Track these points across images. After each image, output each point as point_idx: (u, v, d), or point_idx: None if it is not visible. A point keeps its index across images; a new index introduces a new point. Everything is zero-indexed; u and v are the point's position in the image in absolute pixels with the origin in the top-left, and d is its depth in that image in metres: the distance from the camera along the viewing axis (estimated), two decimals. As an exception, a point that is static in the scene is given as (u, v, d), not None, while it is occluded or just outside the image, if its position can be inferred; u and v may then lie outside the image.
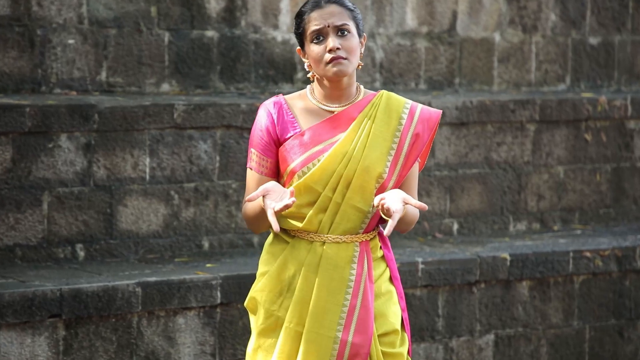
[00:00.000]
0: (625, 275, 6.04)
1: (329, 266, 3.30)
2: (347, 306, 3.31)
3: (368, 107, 3.32)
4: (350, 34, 3.28)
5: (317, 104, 3.34)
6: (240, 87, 6.06)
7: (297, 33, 3.34)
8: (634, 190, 6.73)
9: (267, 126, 3.33)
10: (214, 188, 5.57)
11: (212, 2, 5.96)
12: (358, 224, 3.32)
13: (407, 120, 3.33)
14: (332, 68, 3.27)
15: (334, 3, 3.30)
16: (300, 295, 3.31)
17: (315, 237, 3.32)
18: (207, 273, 5.06)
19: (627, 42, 7.05)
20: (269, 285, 3.35)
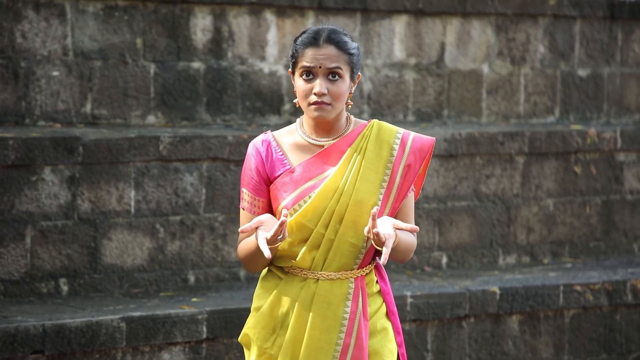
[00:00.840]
0: (616, 309, 6.00)
1: (322, 304, 3.26)
2: (340, 345, 3.26)
3: (358, 140, 3.28)
4: (341, 79, 3.24)
5: (307, 139, 3.30)
6: (227, 118, 6.02)
7: (290, 57, 3.30)
8: (624, 223, 6.70)
9: (257, 166, 3.30)
10: (200, 221, 5.52)
11: (199, 34, 5.93)
12: (352, 260, 3.28)
13: (399, 150, 3.28)
14: (314, 112, 3.24)
15: (333, 44, 3.24)
16: (293, 334, 3.26)
17: (309, 274, 3.28)
18: (193, 307, 5.01)
19: (616, 74, 7.05)
20: (262, 322, 3.30)
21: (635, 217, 6.73)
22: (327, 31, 3.25)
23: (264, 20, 6.10)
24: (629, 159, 6.75)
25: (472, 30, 6.65)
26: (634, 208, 6.73)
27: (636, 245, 6.74)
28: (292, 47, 3.28)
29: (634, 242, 6.74)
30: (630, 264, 6.42)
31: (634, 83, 7.09)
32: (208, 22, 5.96)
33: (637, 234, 6.74)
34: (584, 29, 6.94)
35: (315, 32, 3.26)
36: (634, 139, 6.69)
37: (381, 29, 6.39)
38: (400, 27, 6.46)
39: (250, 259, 3.27)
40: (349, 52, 3.24)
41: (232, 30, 6.02)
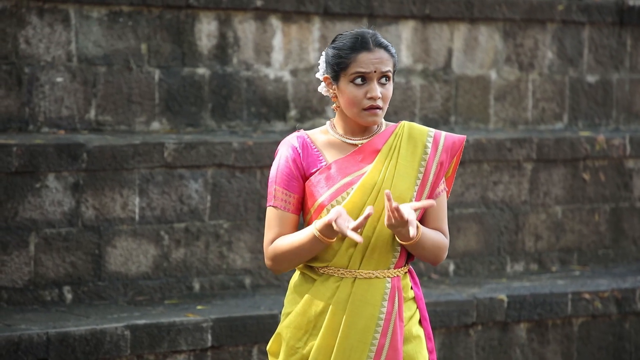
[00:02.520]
0: (625, 317, 5.95)
1: (359, 302, 3.25)
2: (375, 345, 3.25)
3: (392, 138, 3.30)
4: (390, 81, 3.27)
5: (340, 138, 3.31)
6: (232, 125, 5.98)
7: (333, 64, 3.26)
8: (633, 230, 6.65)
9: (294, 159, 3.29)
10: (205, 228, 5.49)
11: (204, 39, 5.90)
12: (389, 258, 3.27)
13: (432, 149, 3.31)
14: (368, 117, 3.25)
15: (382, 47, 3.26)
16: (327, 333, 3.25)
17: (346, 273, 3.27)
18: (198, 315, 4.98)
19: (625, 81, 7.00)
20: (295, 321, 3.29)
21: (645, 224, 6.68)
22: (372, 35, 3.27)
23: (269, 25, 6.07)
24: (638, 165, 6.70)
25: (479, 36, 6.61)
26: (643, 215, 6.68)
27: (645, 253, 6.70)
28: (335, 53, 3.24)
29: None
30: (639, 271, 6.38)
31: (643, 89, 7.05)
32: (213, 28, 5.92)
33: (646, 241, 6.69)
34: (593, 34, 6.89)
35: (362, 36, 3.26)
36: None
37: (388, 34, 6.35)
38: (407, 32, 6.42)
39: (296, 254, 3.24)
40: (394, 55, 3.29)
41: (237, 35, 5.99)
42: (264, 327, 5.05)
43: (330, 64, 3.26)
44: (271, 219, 3.29)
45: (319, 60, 3.34)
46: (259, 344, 5.06)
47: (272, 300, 5.34)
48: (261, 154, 5.60)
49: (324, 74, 3.29)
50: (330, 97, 3.30)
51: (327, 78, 3.28)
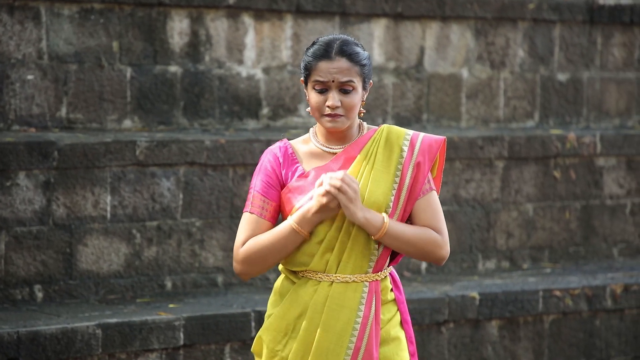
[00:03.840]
0: (596, 314, 5.98)
1: (335, 306, 3.28)
2: (351, 349, 3.28)
3: (369, 144, 3.33)
4: (354, 90, 3.27)
5: (320, 147, 3.36)
6: (204, 123, 5.97)
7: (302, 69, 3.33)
8: (603, 228, 6.69)
9: (274, 168, 3.34)
10: (177, 226, 5.47)
11: (176, 37, 5.88)
12: (366, 262, 3.30)
13: (408, 152, 3.33)
14: (328, 123, 3.29)
15: (345, 57, 3.26)
16: (304, 335, 3.29)
17: (324, 277, 3.30)
18: (170, 314, 4.96)
19: (595, 79, 7.04)
20: (274, 324, 3.33)
21: (615, 222, 6.72)
22: (338, 43, 3.27)
23: (241, 23, 6.06)
24: (608, 163, 6.74)
25: (451, 34, 6.62)
26: (613, 213, 6.72)
27: (616, 250, 6.74)
28: (304, 58, 3.31)
29: (613, 247, 6.73)
30: (609, 269, 6.41)
31: (614, 88, 7.09)
32: (185, 26, 5.91)
33: (616, 239, 6.73)
34: (564, 33, 6.93)
35: (327, 44, 3.28)
36: (613, 143, 6.69)
37: (360, 32, 6.36)
38: (379, 31, 6.43)
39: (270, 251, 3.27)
40: (360, 64, 3.28)
41: (209, 33, 5.98)
42: (236, 326, 5.05)
43: (302, 70, 3.33)
44: (245, 224, 3.32)
45: None
46: (231, 342, 5.06)
47: (244, 299, 5.34)
48: (233, 152, 5.59)
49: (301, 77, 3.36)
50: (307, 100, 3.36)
51: (302, 81, 3.35)
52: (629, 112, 7.14)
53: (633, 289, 6.02)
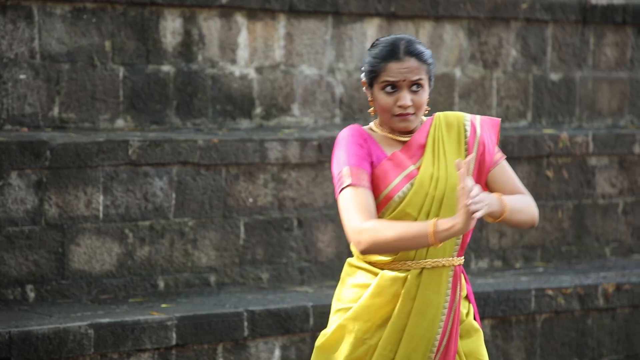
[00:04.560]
0: (588, 313, 5.99)
1: (428, 292, 3.33)
2: (439, 333, 3.34)
3: (432, 130, 3.39)
4: (423, 88, 3.34)
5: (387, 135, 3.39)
6: (197, 122, 5.97)
7: (368, 71, 3.35)
8: (595, 227, 6.70)
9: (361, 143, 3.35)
10: (170, 226, 5.47)
11: (169, 36, 5.88)
12: (452, 245, 3.36)
13: (471, 130, 3.40)
14: (399, 123, 3.34)
15: (413, 56, 3.33)
16: (396, 323, 3.32)
17: (413, 265, 3.34)
18: (162, 313, 4.96)
19: (588, 79, 7.05)
20: (363, 313, 3.34)
21: (607, 221, 6.73)
22: (404, 43, 3.33)
23: (234, 23, 6.06)
24: (600, 163, 6.75)
25: (444, 34, 6.63)
26: (605, 212, 6.73)
27: (608, 250, 6.75)
28: (369, 60, 3.33)
29: (605, 246, 6.74)
30: (602, 268, 6.42)
31: (606, 87, 7.10)
32: (178, 25, 5.91)
33: (608, 238, 6.74)
34: (556, 33, 6.93)
35: (393, 44, 3.33)
36: (605, 143, 6.70)
37: (353, 32, 6.36)
38: (372, 30, 6.43)
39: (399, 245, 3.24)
40: (427, 62, 3.35)
41: (202, 33, 5.97)
42: (228, 325, 5.05)
43: (366, 71, 3.36)
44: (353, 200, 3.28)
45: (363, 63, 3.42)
46: (223, 342, 5.06)
47: (237, 299, 5.34)
48: (226, 152, 5.59)
49: (363, 79, 3.39)
50: (368, 101, 3.39)
51: (364, 83, 3.38)
52: (621, 111, 7.15)
53: (625, 288, 6.03)
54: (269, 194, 5.72)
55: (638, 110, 7.17)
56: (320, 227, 5.82)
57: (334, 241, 5.86)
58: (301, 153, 5.77)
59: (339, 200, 3.31)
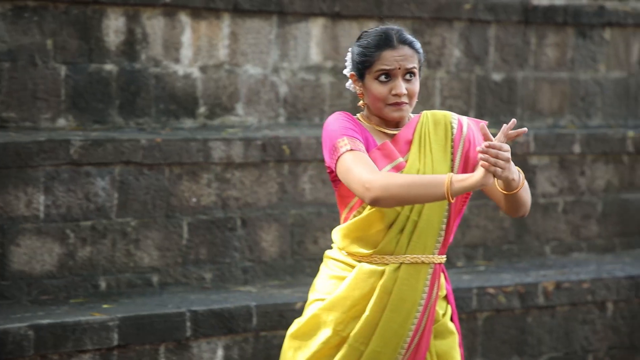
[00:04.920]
0: (528, 311, 6.06)
1: (405, 288, 3.32)
2: (412, 330, 3.34)
3: (419, 126, 3.38)
4: (415, 77, 3.34)
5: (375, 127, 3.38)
6: (140, 122, 5.95)
7: (358, 62, 3.33)
8: (536, 226, 6.77)
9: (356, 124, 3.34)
10: (112, 226, 5.45)
11: (111, 35, 5.85)
12: (433, 242, 3.34)
13: (458, 128, 3.39)
14: (393, 113, 3.33)
15: (407, 44, 3.33)
16: (370, 316, 3.32)
17: (392, 259, 3.33)
18: (104, 314, 4.94)
19: (529, 79, 7.12)
20: (338, 305, 3.34)
21: (548, 220, 6.81)
22: (396, 32, 3.35)
23: (178, 22, 6.04)
24: (541, 162, 6.82)
25: (388, 34, 6.66)
26: (546, 211, 6.81)
27: (548, 248, 6.83)
28: (361, 51, 3.32)
29: (545, 244, 6.82)
30: (542, 266, 6.50)
31: (547, 87, 7.18)
32: (121, 24, 5.88)
33: (549, 237, 6.82)
34: (499, 33, 7.00)
35: (386, 33, 3.33)
36: (546, 143, 6.77)
37: (298, 31, 6.37)
38: (316, 30, 6.44)
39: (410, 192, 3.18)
40: (419, 51, 3.36)
41: (145, 32, 5.95)
42: (171, 326, 5.04)
43: (355, 62, 3.34)
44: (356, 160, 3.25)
45: (346, 58, 3.40)
46: (166, 342, 5.05)
47: (179, 299, 5.33)
48: (170, 151, 5.58)
49: (350, 72, 3.37)
50: (357, 93, 3.37)
51: (353, 75, 3.36)
52: (562, 111, 7.24)
53: (564, 286, 6.11)
54: (212, 193, 5.71)
55: (578, 110, 7.26)
56: (264, 227, 5.82)
57: (277, 241, 5.87)
58: (245, 153, 5.77)
59: (340, 166, 3.27)
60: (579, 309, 6.16)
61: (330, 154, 3.31)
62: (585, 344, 6.21)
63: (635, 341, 6.33)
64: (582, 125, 7.22)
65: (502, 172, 3.11)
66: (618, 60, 7.33)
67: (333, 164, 3.30)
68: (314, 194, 5.97)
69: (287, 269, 5.88)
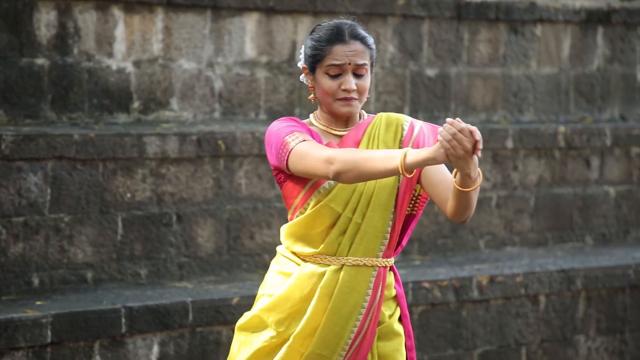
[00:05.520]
0: (463, 305, 6.11)
1: (346, 290, 3.29)
2: (354, 332, 3.31)
3: (370, 127, 3.35)
4: (366, 73, 3.31)
5: (325, 129, 3.36)
6: (73, 117, 5.88)
7: (310, 55, 3.30)
8: (470, 220, 6.84)
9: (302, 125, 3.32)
10: (45, 222, 5.38)
11: (43, 29, 5.77)
12: (377, 246, 3.31)
13: (408, 132, 3.36)
14: (342, 108, 3.30)
15: (358, 40, 3.30)
16: (311, 318, 3.29)
17: (334, 261, 3.31)
18: (37, 311, 4.88)
19: (462, 74, 7.18)
20: (280, 306, 3.32)
21: (482, 214, 6.87)
22: (349, 27, 3.30)
23: (111, 16, 5.98)
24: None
25: (323, 29, 6.67)
26: (480, 206, 6.87)
27: (482, 242, 6.89)
28: (312, 44, 3.29)
29: (480, 239, 6.88)
30: (476, 260, 6.56)
31: (480, 83, 7.25)
32: (52, 18, 5.80)
33: (482, 231, 6.89)
34: (432, 29, 7.05)
35: (338, 27, 3.30)
36: (480, 137, 6.83)
37: (232, 26, 6.35)
38: (251, 25, 6.43)
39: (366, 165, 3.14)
40: (371, 47, 3.32)
41: (77, 26, 5.88)
42: (105, 322, 4.99)
43: (307, 55, 3.31)
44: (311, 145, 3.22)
45: (300, 50, 3.37)
46: (100, 339, 5.00)
47: (114, 295, 5.28)
48: (103, 146, 5.52)
49: (302, 64, 3.34)
50: (309, 87, 3.34)
51: (305, 68, 3.34)
52: (495, 106, 7.32)
53: (498, 280, 6.17)
54: (147, 189, 5.67)
55: (510, 106, 7.34)
56: (200, 222, 5.79)
57: (213, 236, 5.84)
58: (180, 148, 5.74)
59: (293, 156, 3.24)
60: (513, 302, 6.23)
61: (278, 152, 3.29)
62: (519, 337, 6.28)
63: (567, 334, 6.43)
64: (515, 121, 7.31)
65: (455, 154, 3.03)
66: (549, 56, 7.43)
67: (284, 160, 3.27)
68: (250, 189, 5.95)
69: (223, 265, 5.86)
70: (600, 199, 7.24)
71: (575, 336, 6.44)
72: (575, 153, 7.17)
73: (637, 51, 7.75)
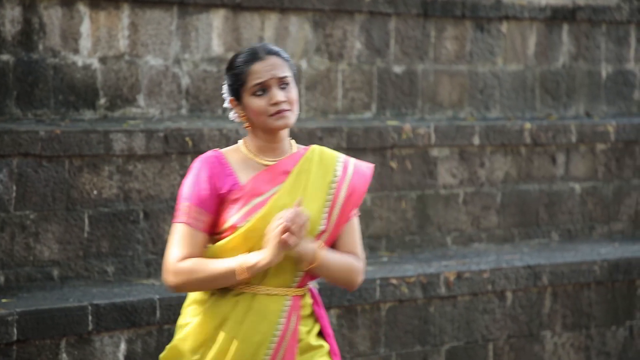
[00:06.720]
0: (430, 301, 6.13)
1: (256, 318, 3.31)
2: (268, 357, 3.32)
3: (302, 161, 3.37)
4: (290, 85, 3.34)
5: (253, 158, 3.36)
6: (39, 113, 5.83)
7: (233, 86, 3.32)
8: (438, 217, 6.86)
9: (209, 177, 3.32)
10: (11, 219, 5.33)
11: (7, 25, 5.72)
12: (291, 277, 3.33)
13: (342, 174, 3.39)
14: (277, 122, 3.31)
15: (274, 54, 3.35)
16: (222, 346, 3.31)
17: (246, 289, 3.32)
18: (3, 309, 4.84)
19: (429, 71, 7.20)
20: (193, 335, 3.34)
21: (449, 211, 6.90)
22: (262, 46, 3.39)
23: (76, 12, 5.94)
24: (442, 154, 6.91)
25: (290, 26, 6.67)
26: (447, 202, 6.90)
27: (449, 239, 6.92)
28: (232, 73, 3.32)
29: (447, 235, 6.91)
30: (443, 257, 6.58)
31: (446, 80, 7.28)
32: (17, 13, 5.75)
33: (450, 227, 6.91)
34: (399, 26, 7.06)
35: (252, 49, 3.37)
36: (446, 134, 6.86)
37: (199, 23, 6.33)
38: (218, 21, 6.41)
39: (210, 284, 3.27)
40: (288, 60, 3.37)
41: (43, 22, 5.84)
42: (72, 320, 4.96)
43: (230, 86, 3.34)
44: (181, 237, 3.30)
45: (222, 88, 3.39)
46: (67, 336, 4.97)
47: (81, 292, 5.25)
48: (69, 143, 5.49)
49: (229, 98, 3.36)
50: (241, 119, 3.34)
51: (232, 100, 3.35)
52: (461, 103, 7.35)
53: (465, 276, 6.20)
54: (114, 186, 5.64)
55: (477, 103, 7.38)
56: (167, 219, 5.77)
57: (180, 233, 5.82)
58: (147, 144, 5.71)
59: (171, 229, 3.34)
60: (480, 298, 6.26)
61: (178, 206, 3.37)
62: (486, 333, 6.31)
63: (534, 329, 6.47)
64: (481, 117, 7.34)
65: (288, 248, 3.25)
66: (515, 54, 7.47)
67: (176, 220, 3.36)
68: (217, 186, 5.94)
69: (190, 262, 5.83)
70: (566, 196, 7.29)
71: (542, 332, 6.49)
72: (541, 150, 7.21)
73: (601, 48, 7.81)
